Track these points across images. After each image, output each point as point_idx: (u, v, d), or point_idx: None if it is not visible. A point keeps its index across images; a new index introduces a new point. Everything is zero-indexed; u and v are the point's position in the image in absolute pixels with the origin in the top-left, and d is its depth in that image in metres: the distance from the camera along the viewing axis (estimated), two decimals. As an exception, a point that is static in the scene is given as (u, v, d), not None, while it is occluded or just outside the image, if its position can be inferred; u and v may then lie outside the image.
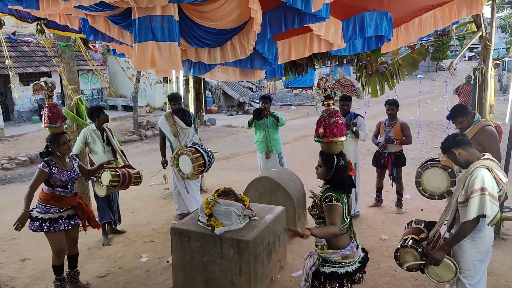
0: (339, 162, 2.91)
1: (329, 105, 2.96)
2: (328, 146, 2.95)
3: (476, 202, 2.93)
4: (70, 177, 4.12)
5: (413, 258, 3.30)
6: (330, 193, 2.88)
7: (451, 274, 3.15)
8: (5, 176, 10.35)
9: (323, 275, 2.93)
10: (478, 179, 2.95)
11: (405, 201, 6.48)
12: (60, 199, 4.12)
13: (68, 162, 4.18)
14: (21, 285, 4.57)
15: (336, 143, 2.92)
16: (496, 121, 5.25)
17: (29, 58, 16.81)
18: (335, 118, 2.92)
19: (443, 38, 5.62)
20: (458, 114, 4.21)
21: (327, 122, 2.92)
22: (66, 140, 4.11)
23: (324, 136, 2.92)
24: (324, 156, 2.96)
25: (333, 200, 2.85)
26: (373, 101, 9.36)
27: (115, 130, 5.47)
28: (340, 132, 2.91)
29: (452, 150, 3.16)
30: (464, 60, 41.11)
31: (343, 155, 2.98)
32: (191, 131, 6.13)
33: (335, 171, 2.91)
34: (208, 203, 4.14)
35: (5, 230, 6.16)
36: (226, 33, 3.31)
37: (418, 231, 3.48)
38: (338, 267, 2.93)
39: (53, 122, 4.15)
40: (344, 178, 2.94)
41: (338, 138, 2.90)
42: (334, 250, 2.93)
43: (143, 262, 5.02)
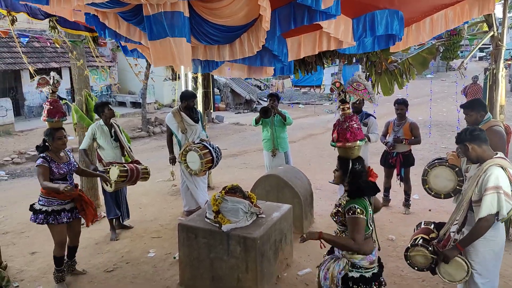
0: (355, 167, 2.88)
1: (344, 109, 2.95)
2: (344, 151, 2.94)
3: (490, 200, 2.89)
4: (67, 169, 4.21)
5: (423, 257, 3.25)
6: (354, 204, 2.83)
7: (464, 273, 3.10)
8: (15, 170, 10.46)
9: (351, 280, 2.91)
10: (492, 177, 2.91)
11: (413, 202, 6.45)
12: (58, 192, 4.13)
13: (63, 155, 4.26)
14: (30, 277, 4.62)
15: (350, 148, 2.89)
16: (506, 121, 5.20)
17: (40, 54, 16.96)
18: (349, 123, 2.90)
19: (454, 38, 5.57)
20: (470, 106, 4.16)
21: (341, 126, 2.91)
22: (61, 135, 4.18)
23: (337, 141, 2.91)
24: (340, 161, 2.97)
25: (357, 213, 2.81)
26: (382, 101, 9.30)
27: (123, 127, 5.47)
28: (354, 137, 2.87)
29: (466, 144, 3.09)
30: (474, 60, 40.73)
31: (361, 160, 2.95)
32: (198, 127, 6.15)
33: (351, 176, 2.89)
34: (215, 200, 4.15)
35: (15, 224, 6.23)
36: (236, 30, 3.32)
37: (428, 231, 3.44)
38: (365, 272, 2.92)
39: (51, 117, 4.31)
40: (362, 184, 2.89)
41: (351, 143, 2.87)
42: (363, 256, 2.92)
43: (150, 258, 5.05)
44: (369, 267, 2.93)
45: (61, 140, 4.17)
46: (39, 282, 4.51)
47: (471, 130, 3.12)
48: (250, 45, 3.37)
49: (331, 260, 3.05)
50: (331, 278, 2.92)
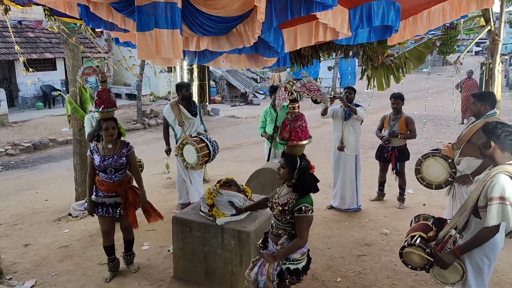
0: (302, 163, 2.97)
1: (294, 109, 3.03)
2: (292, 149, 3.00)
3: (496, 210, 2.74)
4: (107, 163, 4.08)
5: (419, 257, 3.16)
6: (305, 203, 2.91)
7: (458, 276, 3.01)
8: (9, 162, 10.39)
9: (287, 271, 3.00)
10: (498, 187, 2.74)
11: (407, 196, 6.46)
12: (102, 183, 4.16)
13: (112, 147, 4.13)
14: (23, 270, 4.60)
15: (301, 146, 2.98)
16: (502, 116, 5.21)
17: (34, 44, 16.77)
18: (300, 122, 2.98)
19: (451, 32, 5.55)
20: (479, 96, 4.15)
21: (292, 125, 2.97)
22: (108, 126, 4.05)
23: (289, 140, 2.97)
24: (287, 158, 3.01)
25: (309, 212, 2.91)
26: (378, 95, 9.30)
27: (118, 119, 5.41)
28: (305, 136, 2.97)
29: (490, 141, 2.87)
30: (470, 55, 40.78)
31: (304, 156, 3.03)
32: (196, 121, 6.09)
33: (298, 172, 2.96)
34: (210, 193, 4.13)
35: (9, 216, 6.20)
36: (231, 21, 3.27)
37: (427, 228, 3.33)
38: (296, 263, 3.03)
39: (97, 107, 4.20)
40: (308, 179, 2.98)
41: (303, 141, 2.96)
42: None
43: (144, 251, 5.03)
44: (300, 258, 3.04)
45: (108, 131, 4.05)
46: (33, 275, 4.48)
47: (507, 133, 2.86)
48: (246, 36, 3.32)
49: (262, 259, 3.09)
50: (267, 275, 2.98)
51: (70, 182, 7.08)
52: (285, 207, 2.97)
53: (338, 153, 6.10)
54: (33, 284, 4.29)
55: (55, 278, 4.42)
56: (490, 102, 4.11)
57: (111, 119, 4.15)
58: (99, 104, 4.20)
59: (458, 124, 12.18)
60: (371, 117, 12.18)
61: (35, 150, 11.57)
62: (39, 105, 16.56)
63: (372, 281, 4.30)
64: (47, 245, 5.18)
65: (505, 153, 2.86)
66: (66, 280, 4.37)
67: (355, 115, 5.81)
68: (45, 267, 4.64)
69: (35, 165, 10.09)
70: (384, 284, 4.24)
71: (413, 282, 4.21)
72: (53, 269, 4.59)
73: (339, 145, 6.03)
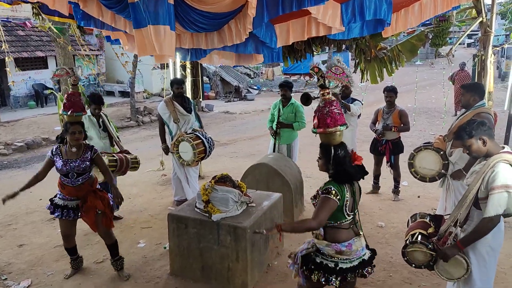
0: (337, 153, 2.81)
1: (323, 95, 2.86)
2: (326, 137, 2.86)
3: (497, 199, 2.70)
4: (69, 167, 4.03)
5: (422, 254, 3.09)
6: (331, 185, 2.78)
7: (462, 271, 2.95)
8: (1, 161, 10.30)
9: (312, 263, 2.88)
10: (500, 175, 2.71)
11: (402, 188, 6.49)
12: (63, 186, 4.14)
13: (75, 151, 4.07)
14: (18, 270, 4.57)
15: (331, 133, 2.82)
16: (494, 108, 5.23)
17: (24, 43, 16.60)
18: (329, 108, 2.81)
19: (443, 24, 5.55)
20: (467, 88, 4.17)
21: (320, 112, 2.83)
22: (75, 130, 4.00)
23: (318, 127, 2.84)
24: (321, 148, 2.89)
25: (331, 194, 2.74)
26: (371, 88, 9.30)
27: (111, 116, 5.41)
28: (334, 123, 2.78)
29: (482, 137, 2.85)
30: (463, 47, 40.93)
31: (343, 145, 2.87)
32: (191, 118, 6.05)
33: (334, 162, 2.81)
34: (205, 190, 4.13)
35: (2, 216, 6.15)
36: (222, 17, 3.26)
37: (425, 226, 3.29)
38: (330, 261, 2.85)
39: (65, 110, 4.16)
40: (345, 169, 2.82)
41: (332, 128, 2.78)
42: (329, 242, 2.85)
43: (140, 248, 5.02)
44: (334, 256, 2.84)
45: (75, 135, 3.99)
46: (28, 275, 4.46)
47: (482, 123, 2.87)
48: (238, 32, 3.31)
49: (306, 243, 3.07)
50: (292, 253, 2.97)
51: (64, 181, 7.04)
52: (318, 190, 2.87)
53: None
54: (28, 284, 4.28)
55: (51, 277, 4.40)
56: (478, 93, 4.14)
57: (78, 123, 4.11)
58: (68, 107, 4.18)
59: (451, 116, 12.24)
60: (365, 111, 12.17)
61: (28, 149, 11.47)
62: (31, 104, 16.42)
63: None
64: (42, 244, 5.16)
65: (493, 142, 2.87)
66: (62, 280, 4.35)
67: (348, 111, 5.82)
68: (41, 267, 4.62)
69: (29, 164, 10.01)
70: (380, 276, 4.27)
71: (409, 273, 4.24)
72: (49, 269, 4.57)
73: None
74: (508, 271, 4.25)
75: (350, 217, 2.89)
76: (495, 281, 3.50)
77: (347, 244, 2.85)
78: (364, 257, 2.95)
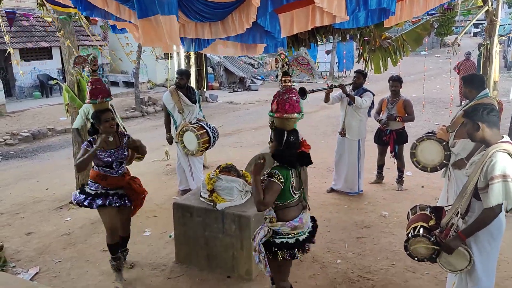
0: (289, 138, 2.96)
1: (285, 81, 3.00)
2: (281, 122, 2.99)
3: (497, 189, 2.69)
4: (113, 157, 3.87)
5: (424, 248, 3.07)
6: (275, 170, 2.96)
7: (465, 262, 2.94)
8: (8, 151, 10.39)
9: (274, 245, 3.04)
10: (498, 165, 2.71)
11: (406, 178, 6.50)
12: (105, 178, 3.91)
13: (112, 141, 3.88)
14: (27, 258, 4.65)
15: (287, 119, 2.95)
16: (500, 97, 5.22)
17: (29, 33, 16.61)
18: (289, 95, 2.96)
19: (448, 13, 5.51)
20: (470, 83, 4.13)
21: (280, 98, 2.97)
22: (108, 117, 3.78)
23: (276, 111, 2.97)
24: (275, 131, 3.03)
25: (274, 177, 2.93)
26: (376, 78, 9.28)
27: (116, 107, 5.42)
28: (292, 109, 2.93)
29: (478, 123, 2.84)
30: (468, 36, 40.53)
31: (296, 132, 3.03)
32: (195, 108, 6.07)
33: (285, 146, 2.97)
34: (210, 179, 4.16)
35: (10, 205, 6.24)
36: (226, 6, 3.25)
37: (426, 218, 3.28)
38: (287, 238, 3.04)
39: (94, 98, 3.89)
40: (289, 153, 2.98)
41: (289, 114, 2.94)
42: (283, 222, 3.04)
43: (146, 237, 5.09)
44: (290, 232, 3.04)
45: (109, 122, 3.78)
46: (36, 262, 4.54)
47: (489, 110, 2.85)
48: (241, 22, 3.30)
49: (259, 230, 3.15)
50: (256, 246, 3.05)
51: (70, 170, 7.12)
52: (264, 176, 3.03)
53: (341, 137, 6.13)
54: (37, 271, 4.36)
55: (58, 265, 4.48)
56: (475, 86, 4.13)
57: (108, 109, 3.90)
58: (95, 94, 3.90)
59: (456, 106, 12.17)
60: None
61: (34, 139, 11.56)
62: (37, 95, 16.49)
63: (371, 262, 4.36)
64: (49, 233, 5.24)
65: (493, 130, 2.85)
66: (70, 267, 4.43)
67: (354, 103, 5.80)
68: (48, 255, 4.70)
69: (35, 154, 10.09)
70: (383, 265, 4.31)
71: (411, 262, 4.25)
72: (57, 257, 4.65)
73: (340, 130, 6.07)
74: (511, 260, 4.28)
75: (297, 195, 3.08)
76: (498, 270, 3.54)
77: (298, 219, 3.07)
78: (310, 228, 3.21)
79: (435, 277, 4.07)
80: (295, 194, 3.06)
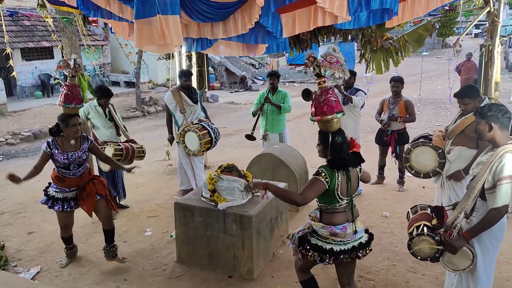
0: (335, 139, 2.92)
1: (320, 83, 2.96)
2: (323, 125, 2.97)
3: (505, 190, 2.71)
4: (71, 159, 4.05)
5: (429, 247, 3.06)
6: (322, 168, 2.92)
7: (468, 262, 2.95)
8: (9, 151, 10.41)
9: (308, 243, 3.02)
10: (507, 166, 2.72)
11: (407, 179, 6.50)
12: (62, 179, 4.13)
13: (74, 143, 4.10)
14: (28, 257, 4.66)
15: (328, 121, 2.92)
16: (501, 99, 5.22)
17: (30, 33, 16.63)
18: (325, 96, 2.91)
19: (450, 14, 5.51)
20: (466, 94, 4.03)
21: (317, 101, 2.93)
22: (76, 122, 4.04)
23: (315, 115, 2.94)
24: (320, 135, 3.01)
25: (320, 176, 2.88)
26: (377, 79, 9.28)
27: (117, 106, 5.41)
28: (331, 110, 2.88)
29: (491, 123, 2.83)
30: (470, 37, 40.49)
31: (341, 132, 2.98)
32: (197, 108, 6.07)
33: (332, 149, 2.93)
34: (211, 179, 4.17)
35: (11, 204, 6.25)
36: (229, 6, 3.25)
37: (429, 217, 3.25)
38: (324, 242, 2.98)
39: (67, 102, 4.06)
40: (340, 156, 2.92)
41: (328, 116, 2.89)
42: (324, 224, 2.99)
43: (147, 236, 5.09)
44: (329, 237, 2.97)
45: (75, 127, 4.03)
46: (37, 261, 4.55)
47: (504, 111, 2.84)
48: (243, 22, 3.30)
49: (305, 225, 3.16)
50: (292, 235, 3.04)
51: (71, 170, 7.11)
52: None
53: None
54: (38, 270, 4.36)
55: (60, 264, 4.48)
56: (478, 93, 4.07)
57: (77, 114, 4.13)
58: (71, 99, 4.08)
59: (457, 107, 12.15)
60: (371, 101, 12.12)
61: (35, 139, 11.57)
62: (38, 94, 16.50)
63: (372, 262, 4.36)
64: (51, 232, 5.24)
65: (504, 132, 2.85)
66: (71, 266, 4.44)
67: (350, 103, 5.83)
68: (50, 254, 4.71)
69: (36, 154, 10.09)
70: (384, 265, 4.31)
71: (413, 263, 4.28)
72: (58, 256, 4.65)
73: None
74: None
75: (344, 201, 2.99)
76: (500, 270, 3.55)
77: (341, 227, 2.97)
78: (361, 240, 3.07)
79: (436, 277, 4.06)
80: (342, 199, 2.96)
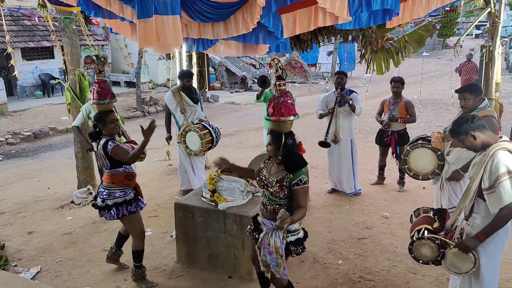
0: (287, 141, 3.03)
1: (280, 85, 3.10)
2: (278, 125, 3.06)
3: (507, 186, 2.70)
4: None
5: (430, 250, 3.08)
6: (303, 175, 3.02)
7: (470, 264, 2.93)
8: (9, 151, 10.41)
9: (290, 244, 3.09)
10: (501, 163, 2.73)
11: (407, 179, 6.48)
12: (131, 177, 3.89)
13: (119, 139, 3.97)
14: (28, 257, 4.66)
15: (284, 122, 3.03)
16: (501, 100, 5.21)
17: (31, 33, 16.65)
18: (284, 98, 3.03)
19: (451, 15, 5.51)
20: (468, 90, 4.03)
21: (276, 101, 3.04)
22: (113, 118, 3.79)
23: (273, 115, 3.04)
24: (273, 135, 3.08)
25: (307, 182, 3.04)
26: (377, 79, 9.28)
27: (118, 106, 5.43)
28: (288, 112, 3.01)
29: (472, 133, 2.88)
30: (470, 38, 40.50)
31: (292, 134, 3.10)
32: (198, 108, 6.08)
33: (284, 150, 3.03)
34: (211, 179, 4.17)
35: (11, 204, 6.25)
36: (230, 6, 3.25)
37: (430, 221, 3.28)
38: (297, 234, 3.16)
39: (102, 98, 3.84)
40: (294, 158, 3.07)
41: (286, 117, 3.01)
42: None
43: (148, 236, 5.06)
44: (298, 228, 3.18)
45: (114, 123, 3.79)
46: (37, 261, 4.54)
47: (470, 118, 2.92)
48: (244, 22, 3.30)
49: (267, 235, 3.03)
50: (276, 250, 2.97)
51: (71, 170, 7.12)
52: (282, 183, 3.05)
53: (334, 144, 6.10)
54: (38, 270, 4.36)
55: (60, 264, 4.48)
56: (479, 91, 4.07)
57: (112, 111, 3.91)
58: (104, 95, 3.85)
59: (457, 107, 12.17)
60: (371, 102, 12.15)
61: (35, 139, 11.58)
62: (38, 94, 16.51)
63: (372, 263, 4.36)
64: (51, 232, 5.24)
65: (486, 132, 2.91)
66: (71, 266, 4.43)
67: (353, 112, 5.85)
68: (50, 254, 4.71)
69: (36, 153, 10.11)
70: (384, 266, 4.31)
71: (413, 263, 4.27)
72: (58, 256, 4.65)
73: (333, 138, 6.04)
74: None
75: None
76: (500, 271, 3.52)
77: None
78: None
79: (437, 278, 4.06)
80: None
